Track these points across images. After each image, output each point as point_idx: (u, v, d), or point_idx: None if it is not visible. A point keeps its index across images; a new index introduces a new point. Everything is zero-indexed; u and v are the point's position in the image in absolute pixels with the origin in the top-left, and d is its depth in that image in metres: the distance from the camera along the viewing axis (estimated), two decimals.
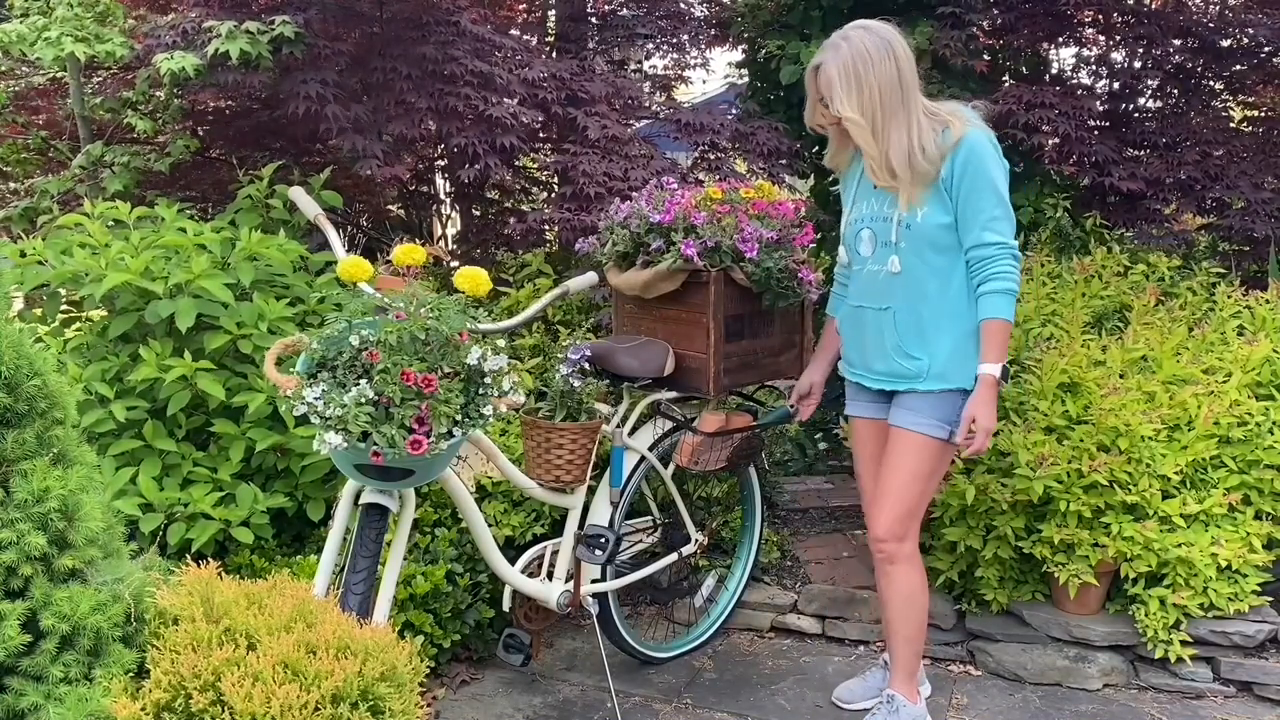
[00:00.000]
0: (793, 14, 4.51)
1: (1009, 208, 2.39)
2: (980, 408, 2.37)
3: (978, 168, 2.36)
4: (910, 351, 2.47)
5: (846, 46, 2.39)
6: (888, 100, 2.37)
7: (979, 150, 2.36)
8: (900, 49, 2.40)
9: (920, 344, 2.46)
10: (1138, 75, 4.63)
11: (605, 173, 3.82)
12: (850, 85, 2.38)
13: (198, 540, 2.65)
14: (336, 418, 1.97)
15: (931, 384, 2.45)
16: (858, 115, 2.38)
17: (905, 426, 2.48)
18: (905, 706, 2.63)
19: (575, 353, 2.62)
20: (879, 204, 2.50)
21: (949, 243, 2.41)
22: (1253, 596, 2.84)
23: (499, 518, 3.02)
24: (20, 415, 1.53)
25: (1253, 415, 2.92)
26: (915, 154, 2.37)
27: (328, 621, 1.64)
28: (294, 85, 3.67)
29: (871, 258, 2.51)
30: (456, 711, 2.79)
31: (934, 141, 2.37)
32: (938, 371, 2.44)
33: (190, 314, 2.79)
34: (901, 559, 2.54)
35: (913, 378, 2.47)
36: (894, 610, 2.60)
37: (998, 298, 2.36)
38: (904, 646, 2.62)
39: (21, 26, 3.60)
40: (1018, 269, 2.37)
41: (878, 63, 2.37)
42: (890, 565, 2.56)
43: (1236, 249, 4.40)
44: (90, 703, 1.45)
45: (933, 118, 2.41)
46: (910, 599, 2.57)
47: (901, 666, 2.64)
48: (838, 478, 4.18)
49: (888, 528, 2.52)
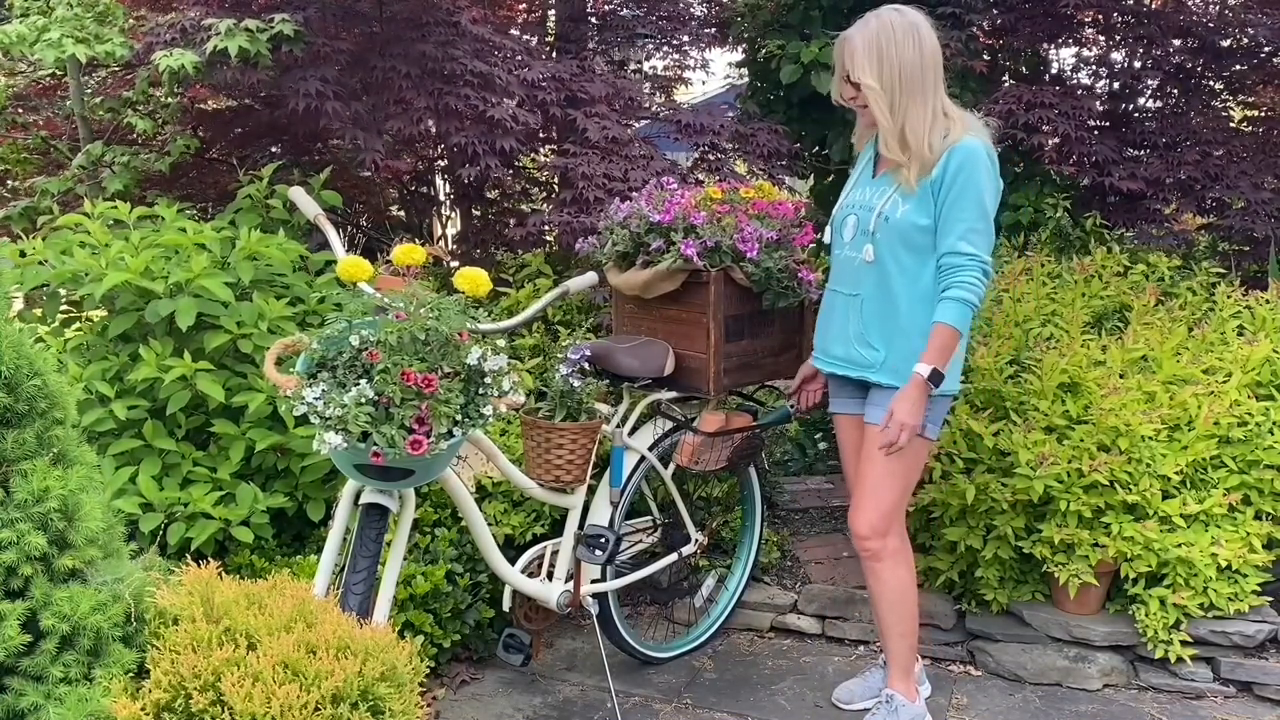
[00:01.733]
0: (793, 14, 4.51)
1: (990, 224, 2.40)
2: (901, 403, 2.37)
3: (969, 176, 2.36)
4: (870, 341, 2.49)
5: (875, 21, 2.42)
6: (908, 78, 2.39)
7: (973, 159, 2.36)
8: (927, 35, 2.42)
9: (880, 336, 2.48)
10: (1138, 75, 4.63)
11: (605, 174, 3.82)
12: (871, 55, 2.40)
13: (197, 540, 2.65)
14: (336, 418, 1.97)
15: (884, 376, 2.47)
16: (875, 83, 2.40)
17: (877, 423, 2.48)
18: (904, 705, 2.63)
19: (575, 353, 2.62)
20: (871, 193, 2.52)
21: (922, 244, 2.42)
22: (1253, 596, 2.84)
23: (499, 518, 3.02)
24: (20, 415, 1.53)
25: (1253, 415, 2.92)
26: (924, 138, 2.39)
27: (328, 621, 1.64)
28: (293, 83, 3.67)
29: (850, 243, 2.54)
30: (456, 711, 2.79)
31: (940, 138, 2.39)
32: (892, 366, 2.46)
33: (190, 313, 2.79)
34: (887, 555, 2.54)
35: (865, 367, 2.50)
36: (885, 607, 2.60)
37: (955, 305, 2.36)
38: (898, 642, 2.62)
39: (21, 27, 3.60)
40: (984, 284, 2.38)
41: (901, 41, 2.39)
42: (876, 563, 2.56)
43: (1236, 249, 4.40)
44: (90, 703, 1.45)
45: (945, 117, 2.42)
46: (899, 594, 2.58)
47: (897, 663, 2.64)
48: (837, 478, 4.18)
49: (869, 524, 2.52)
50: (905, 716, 2.62)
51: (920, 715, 2.66)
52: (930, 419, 2.45)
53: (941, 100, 2.43)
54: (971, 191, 2.36)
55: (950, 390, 2.50)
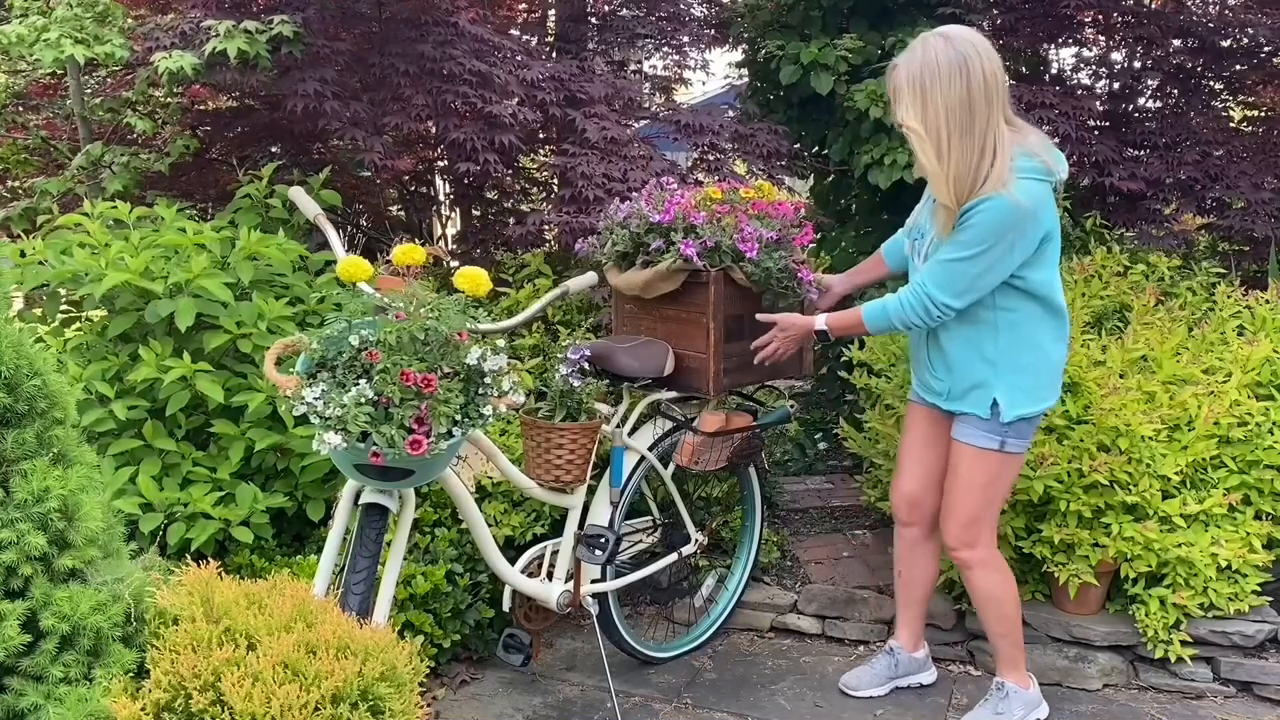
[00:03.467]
0: (793, 14, 4.50)
1: (970, 276, 2.33)
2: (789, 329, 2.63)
3: (976, 230, 2.30)
4: (935, 372, 2.57)
5: (920, 53, 2.30)
6: (954, 120, 2.27)
7: (987, 218, 2.28)
8: (976, 68, 2.26)
9: (942, 366, 2.55)
10: (1138, 75, 4.63)
11: (604, 174, 3.81)
12: (916, 95, 2.29)
13: (197, 540, 2.65)
14: (336, 418, 1.97)
15: (953, 405, 2.54)
16: (919, 126, 2.30)
17: (959, 439, 2.55)
18: (1016, 692, 2.69)
19: (575, 353, 2.62)
20: (927, 224, 2.51)
21: None
22: (1253, 596, 2.84)
23: (499, 518, 3.02)
24: (20, 415, 1.53)
25: (1253, 415, 2.92)
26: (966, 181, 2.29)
27: (328, 621, 1.64)
28: (292, 84, 3.67)
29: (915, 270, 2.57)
30: (456, 711, 2.79)
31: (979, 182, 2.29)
32: (957, 395, 2.53)
33: (190, 313, 2.79)
34: (975, 563, 2.61)
35: (937, 395, 2.59)
36: (980, 609, 2.69)
37: (880, 309, 2.47)
38: (998, 640, 2.69)
39: (21, 28, 3.59)
40: (919, 316, 2.41)
41: (945, 80, 2.26)
42: (967, 570, 2.64)
43: (1236, 249, 4.40)
44: (90, 703, 1.45)
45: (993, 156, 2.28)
46: (991, 598, 2.64)
47: (1003, 659, 2.71)
48: (837, 478, 4.18)
49: (956, 536, 2.60)
50: (1018, 702, 2.69)
51: (1035, 701, 2.72)
52: (1016, 434, 2.49)
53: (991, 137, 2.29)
54: (975, 245, 2.31)
55: (1040, 408, 2.49)
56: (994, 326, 2.43)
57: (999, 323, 2.43)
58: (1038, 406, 2.49)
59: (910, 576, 2.86)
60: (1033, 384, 2.46)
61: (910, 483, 2.75)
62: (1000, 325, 2.43)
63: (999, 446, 2.48)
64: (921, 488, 2.74)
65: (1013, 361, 2.44)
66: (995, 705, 2.68)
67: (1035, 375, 2.46)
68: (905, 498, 2.77)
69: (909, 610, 2.90)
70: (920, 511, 2.76)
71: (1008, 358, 2.44)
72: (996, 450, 2.49)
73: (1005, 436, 2.48)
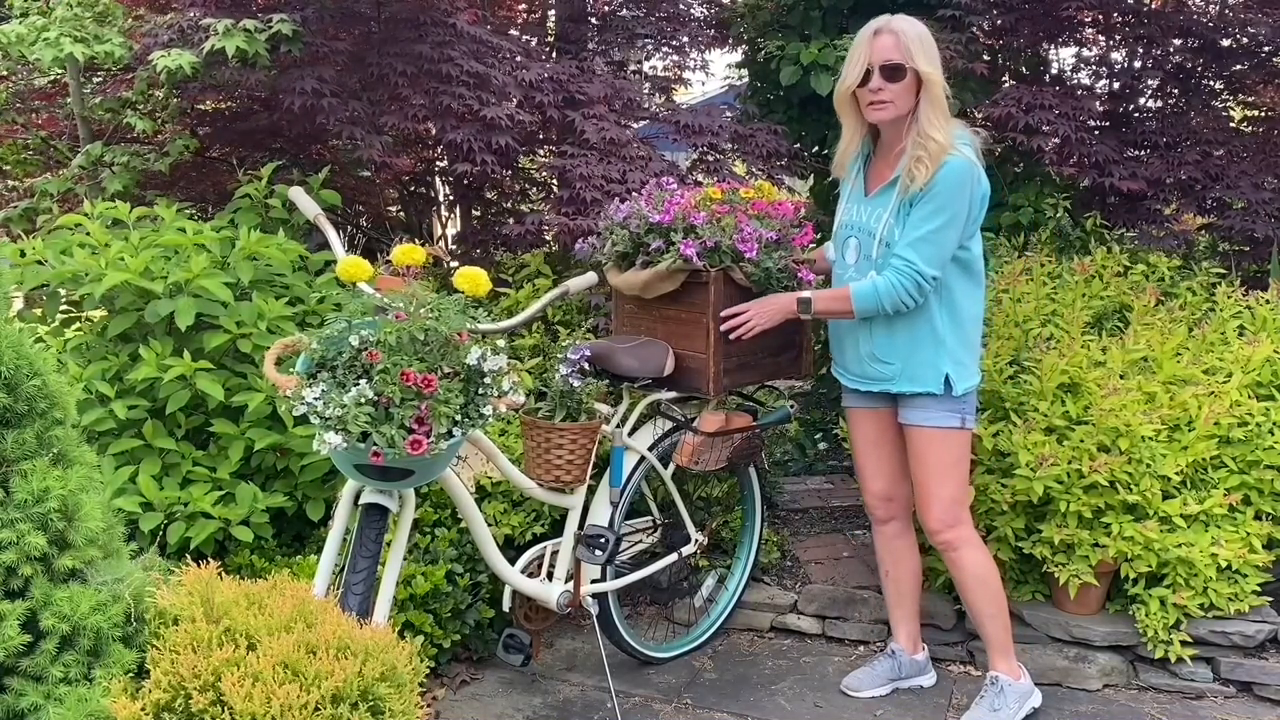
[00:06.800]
0: (793, 14, 4.50)
1: (946, 244, 2.44)
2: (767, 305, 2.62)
3: (949, 195, 2.42)
4: (882, 358, 2.59)
5: (907, 22, 2.47)
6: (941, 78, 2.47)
7: (960, 178, 2.42)
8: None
9: (893, 352, 2.57)
10: (1138, 75, 4.63)
11: (603, 175, 3.81)
12: (928, 46, 2.46)
13: (197, 539, 2.65)
14: (336, 418, 1.97)
15: (904, 385, 2.57)
16: (936, 74, 2.45)
17: (915, 424, 2.59)
18: (1010, 685, 2.70)
19: (575, 353, 2.62)
20: (867, 215, 2.58)
21: None
22: (1253, 596, 2.84)
23: (499, 518, 3.02)
24: (20, 415, 1.53)
25: (1253, 416, 2.92)
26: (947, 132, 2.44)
27: (328, 622, 1.64)
28: (291, 82, 3.67)
29: (854, 267, 2.61)
30: (456, 711, 2.79)
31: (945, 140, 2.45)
32: (910, 374, 2.56)
33: (190, 313, 2.79)
34: (961, 543, 2.64)
35: (884, 380, 2.61)
36: (969, 592, 2.69)
37: (870, 290, 2.48)
38: (989, 624, 2.70)
39: (21, 27, 3.59)
40: (908, 294, 2.45)
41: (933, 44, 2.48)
42: (953, 552, 2.65)
43: (1237, 249, 4.40)
44: (90, 703, 1.45)
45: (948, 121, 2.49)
46: (981, 577, 2.67)
47: (994, 644, 2.72)
48: (837, 478, 4.18)
49: (937, 518, 2.62)
50: (1012, 695, 2.69)
51: (1028, 692, 2.73)
52: (969, 408, 2.57)
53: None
54: (946, 209, 2.42)
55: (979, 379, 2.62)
56: (939, 300, 2.52)
57: (942, 297, 2.52)
58: (977, 377, 2.60)
59: (897, 573, 2.89)
60: (972, 356, 2.58)
61: (877, 482, 2.81)
62: (943, 299, 2.52)
63: (960, 424, 2.56)
64: (890, 483, 2.79)
65: (958, 335, 2.54)
66: (991, 702, 2.69)
67: (974, 348, 2.58)
68: (877, 496, 2.82)
69: (901, 609, 2.92)
70: (896, 505, 2.82)
71: (953, 332, 2.53)
72: (958, 428, 2.56)
73: (963, 412, 2.56)
